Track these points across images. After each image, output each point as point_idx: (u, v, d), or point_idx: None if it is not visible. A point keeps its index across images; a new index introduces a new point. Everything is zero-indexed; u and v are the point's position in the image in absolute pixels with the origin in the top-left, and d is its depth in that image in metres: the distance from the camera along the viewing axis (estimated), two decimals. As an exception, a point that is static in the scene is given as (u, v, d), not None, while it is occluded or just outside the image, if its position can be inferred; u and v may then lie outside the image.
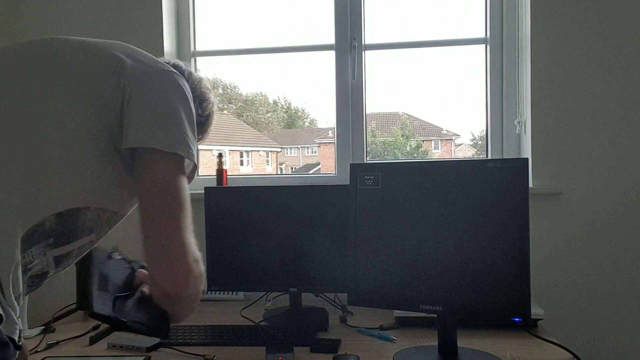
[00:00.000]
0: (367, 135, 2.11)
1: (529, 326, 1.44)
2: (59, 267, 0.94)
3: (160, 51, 2.03)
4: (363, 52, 2.05)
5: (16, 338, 0.81)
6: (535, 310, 1.43)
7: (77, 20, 2.08)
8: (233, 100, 2.53)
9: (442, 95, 2.13)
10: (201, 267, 0.93)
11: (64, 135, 0.89)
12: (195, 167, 1.00)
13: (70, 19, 2.09)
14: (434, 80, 2.11)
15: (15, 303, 0.82)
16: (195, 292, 0.93)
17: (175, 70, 1.02)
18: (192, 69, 1.08)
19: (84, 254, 0.97)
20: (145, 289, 0.99)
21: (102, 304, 0.92)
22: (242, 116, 2.56)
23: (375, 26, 2.07)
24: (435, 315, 1.31)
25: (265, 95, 2.53)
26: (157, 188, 0.91)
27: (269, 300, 1.82)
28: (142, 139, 0.90)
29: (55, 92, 0.91)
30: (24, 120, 0.89)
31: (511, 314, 1.24)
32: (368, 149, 2.11)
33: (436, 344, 1.33)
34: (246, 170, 2.55)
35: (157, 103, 0.93)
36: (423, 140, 2.38)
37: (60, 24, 2.10)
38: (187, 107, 0.97)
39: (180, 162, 0.93)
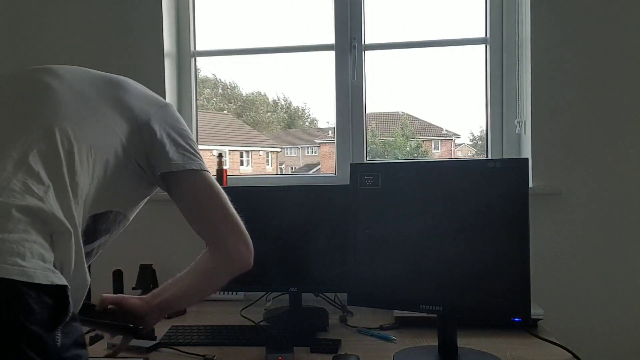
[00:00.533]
0: (367, 135, 2.10)
1: (529, 326, 1.44)
2: None
3: (160, 51, 2.03)
4: (363, 52, 2.05)
5: None
6: (535, 310, 1.43)
7: (78, 20, 2.08)
8: (233, 100, 2.53)
9: (442, 95, 2.13)
10: None
11: (111, 148, 1.02)
12: None
13: (71, 19, 2.09)
14: (434, 80, 2.11)
15: None
16: None
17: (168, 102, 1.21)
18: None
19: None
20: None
21: None
22: (242, 116, 2.56)
23: (375, 26, 2.07)
24: (435, 315, 1.31)
25: (265, 95, 2.53)
26: (208, 193, 1.13)
27: (269, 300, 1.82)
28: (181, 164, 1.10)
29: (107, 114, 1.04)
30: (82, 132, 0.98)
31: (511, 314, 1.24)
32: (368, 149, 2.11)
33: (436, 344, 1.33)
34: (246, 170, 2.55)
35: (179, 134, 1.13)
36: (423, 140, 2.38)
37: (61, 24, 2.10)
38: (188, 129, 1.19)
39: (207, 174, 1.17)
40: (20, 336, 0.73)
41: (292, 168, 2.59)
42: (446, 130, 2.36)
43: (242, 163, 2.57)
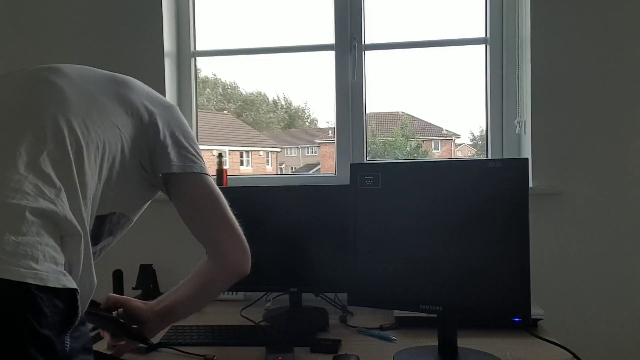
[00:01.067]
0: (367, 135, 2.10)
1: (529, 326, 1.44)
2: None
3: (160, 51, 2.03)
4: (363, 52, 2.05)
5: None
6: (535, 310, 1.43)
7: (78, 20, 2.08)
8: (233, 100, 2.53)
9: (442, 95, 2.13)
10: None
11: (117, 148, 1.01)
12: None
13: (70, 19, 2.09)
14: (434, 80, 2.11)
15: None
16: None
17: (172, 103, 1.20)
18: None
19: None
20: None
21: None
22: (242, 116, 2.56)
23: (375, 26, 2.07)
24: (435, 315, 1.31)
25: (265, 95, 2.53)
26: (207, 197, 1.13)
27: (269, 300, 1.82)
28: (183, 166, 1.11)
29: (113, 112, 1.03)
30: (90, 131, 0.97)
31: (511, 314, 1.23)
32: (368, 149, 2.11)
33: (436, 344, 1.33)
34: (246, 170, 2.55)
35: (183, 135, 1.13)
36: (423, 140, 2.38)
37: (60, 23, 2.10)
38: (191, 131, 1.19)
39: (208, 177, 1.17)
40: (31, 340, 0.73)
41: (292, 168, 2.59)
42: (446, 130, 2.35)
43: (242, 163, 2.57)
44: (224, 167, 2.02)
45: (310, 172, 2.46)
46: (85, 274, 0.87)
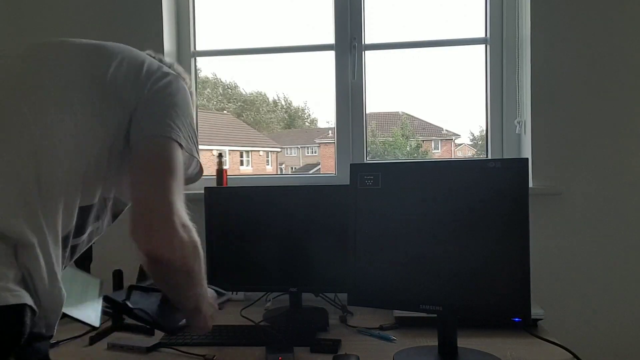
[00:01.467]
0: (367, 135, 2.11)
1: (529, 326, 1.44)
2: (72, 258, 0.99)
3: (160, 51, 2.03)
4: (363, 52, 2.05)
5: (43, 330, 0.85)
6: (535, 311, 1.43)
7: (77, 20, 2.08)
8: (233, 100, 2.53)
9: (442, 95, 2.13)
10: (193, 235, 0.92)
11: (96, 139, 0.93)
12: (201, 168, 1.09)
13: (70, 18, 2.09)
14: (434, 80, 2.11)
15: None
16: (183, 260, 0.91)
17: (174, 72, 1.08)
18: (165, 59, 1.19)
19: (91, 243, 1.03)
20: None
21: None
22: (242, 116, 2.56)
23: (375, 26, 2.07)
24: (435, 315, 1.31)
25: (265, 95, 2.53)
26: (150, 154, 0.94)
27: (269, 300, 1.82)
28: (153, 129, 0.95)
29: (94, 99, 0.94)
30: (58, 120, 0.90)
31: (511, 314, 1.24)
32: (368, 149, 2.11)
33: (436, 344, 1.33)
34: (246, 170, 2.55)
35: (163, 102, 1.00)
36: (423, 140, 2.38)
37: (60, 23, 2.10)
38: (189, 109, 1.04)
39: (174, 144, 0.96)
40: None
41: (292, 168, 2.59)
42: (446, 130, 2.36)
43: (242, 163, 2.57)
44: (224, 167, 2.02)
45: (310, 172, 2.46)
46: (50, 283, 0.81)
